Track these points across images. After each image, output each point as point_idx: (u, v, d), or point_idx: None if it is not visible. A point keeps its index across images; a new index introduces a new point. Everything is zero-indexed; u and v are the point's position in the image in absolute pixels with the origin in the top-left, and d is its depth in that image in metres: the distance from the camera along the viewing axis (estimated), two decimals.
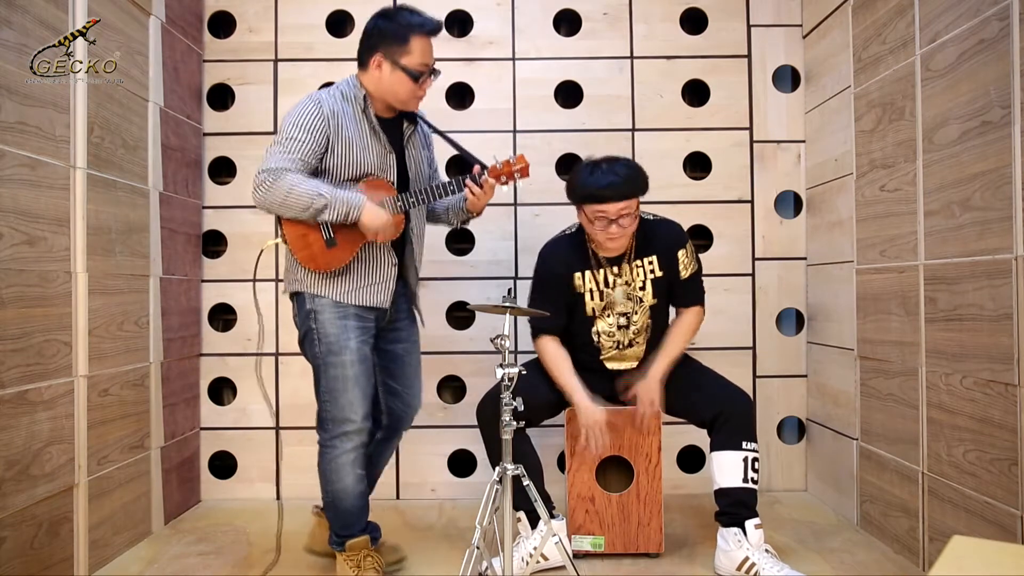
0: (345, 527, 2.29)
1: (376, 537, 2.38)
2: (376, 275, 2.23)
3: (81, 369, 2.36)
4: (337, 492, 2.25)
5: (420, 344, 2.49)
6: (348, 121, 2.17)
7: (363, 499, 2.30)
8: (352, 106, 2.19)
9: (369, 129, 2.20)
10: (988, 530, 2.03)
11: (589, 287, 2.49)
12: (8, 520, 2.02)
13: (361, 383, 2.20)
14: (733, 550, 2.32)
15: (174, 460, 2.97)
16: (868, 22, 2.69)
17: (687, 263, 2.50)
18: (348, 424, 2.21)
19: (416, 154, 2.34)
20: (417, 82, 2.17)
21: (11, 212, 2.05)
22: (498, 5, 3.31)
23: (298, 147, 2.09)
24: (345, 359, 2.18)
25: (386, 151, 2.23)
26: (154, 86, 2.84)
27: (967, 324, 2.12)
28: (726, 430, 2.38)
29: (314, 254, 2.16)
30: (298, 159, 2.09)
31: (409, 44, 2.14)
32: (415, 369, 2.45)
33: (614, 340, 2.51)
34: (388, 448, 2.51)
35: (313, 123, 2.11)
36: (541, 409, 2.47)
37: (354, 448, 2.23)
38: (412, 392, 2.44)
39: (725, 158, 3.29)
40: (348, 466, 2.23)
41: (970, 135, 2.09)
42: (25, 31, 2.14)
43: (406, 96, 2.20)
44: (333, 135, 2.13)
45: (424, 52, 2.17)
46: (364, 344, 2.23)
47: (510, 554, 1.87)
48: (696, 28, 3.32)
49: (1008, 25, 1.92)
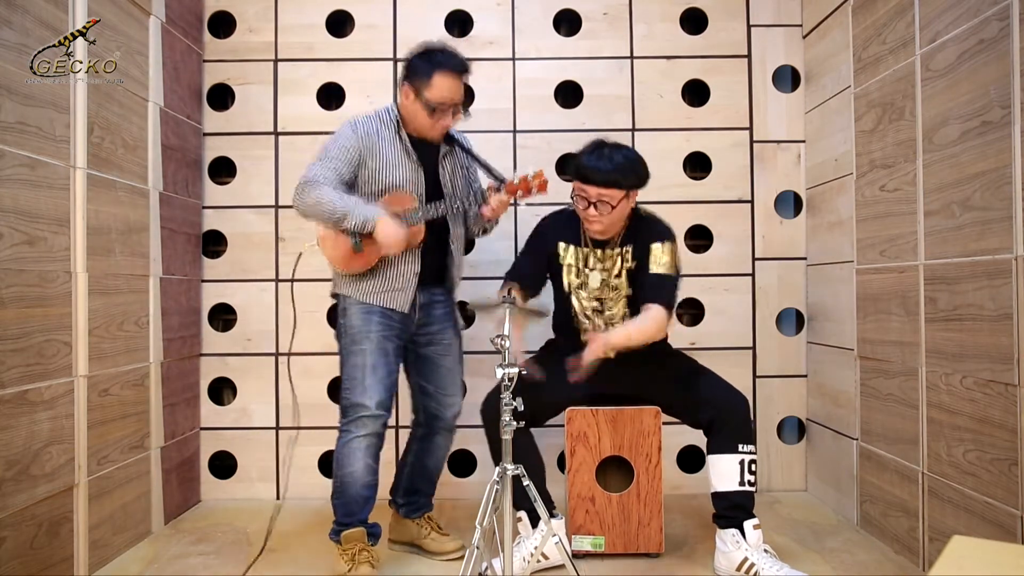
0: (347, 515, 2.37)
1: (374, 534, 2.44)
2: (397, 281, 2.41)
3: (81, 369, 2.36)
4: (345, 476, 2.35)
5: (458, 347, 2.60)
6: (382, 141, 2.40)
7: (369, 490, 2.38)
8: (387, 128, 2.42)
9: (402, 148, 2.41)
10: (988, 530, 2.03)
11: (569, 262, 2.52)
12: (8, 520, 2.02)
13: (379, 372, 2.35)
14: (732, 551, 2.32)
15: (174, 460, 2.97)
16: (868, 22, 2.69)
17: (659, 259, 2.41)
18: (362, 409, 2.33)
19: (451, 171, 2.51)
20: (432, 115, 2.35)
21: (11, 212, 2.05)
22: (498, 5, 3.31)
23: (332, 163, 2.35)
24: (365, 348, 2.36)
25: (416, 167, 2.42)
26: (154, 86, 2.84)
27: (967, 324, 2.12)
28: (723, 433, 2.37)
29: (342, 257, 2.38)
30: (332, 173, 2.34)
31: (432, 79, 2.33)
32: (450, 371, 2.56)
33: (590, 323, 2.52)
34: (434, 446, 2.60)
35: (347, 142, 2.37)
36: (543, 409, 2.47)
37: (367, 435, 2.34)
38: (446, 393, 2.55)
39: (725, 158, 3.29)
40: (359, 451, 2.34)
41: (970, 135, 2.09)
42: (25, 31, 2.14)
43: (423, 125, 2.39)
44: (365, 152, 2.38)
45: (444, 88, 2.33)
46: (386, 339, 2.39)
47: (510, 554, 1.87)
48: (696, 28, 3.32)
49: (1008, 25, 1.92)
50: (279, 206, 3.27)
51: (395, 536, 2.63)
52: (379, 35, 3.29)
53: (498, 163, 3.32)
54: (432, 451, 2.60)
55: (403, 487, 2.61)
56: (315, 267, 3.05)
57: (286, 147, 3.28)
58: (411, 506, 2.60)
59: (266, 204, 3.27)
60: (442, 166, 2.50)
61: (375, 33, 3.29)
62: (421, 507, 2.62)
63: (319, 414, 3.18)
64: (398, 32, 3.29)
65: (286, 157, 3.27)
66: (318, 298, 3.18)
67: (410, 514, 2.60)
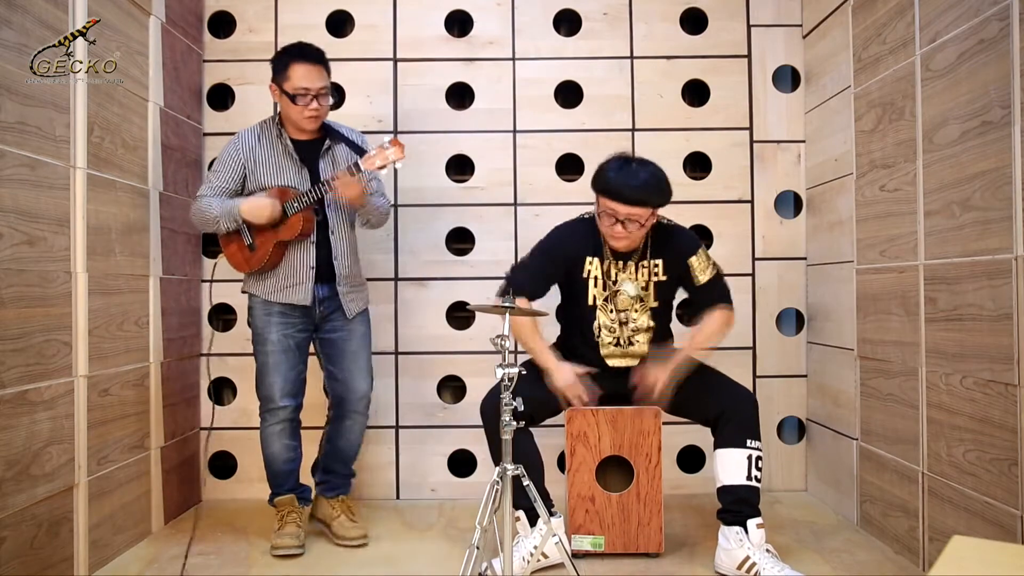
0: (275, 486, 2.71)
1: (304, 498, 2.75)
2: (294, 277, 2.60)
3: (81, 369, 2.36)
4: (267, 456, 2.69)
5: (361, 333, 2.74)
6: (263, 146, 2.61)
7: (290, 464, 2.70)
8: (268, 133, 2.63)
9: (283, 150, 2.61)
10: (988, 530, 2.03)
11: (595, 275, 2.50)
12: (8, 520, 2.02)
13: (281, 369, 2.61)
14: (734, 549, 2.32)
15: (174, 460, 2.97)
16: (868, 22, 2.69)
17: (702, 268, 2.50)
18: (270, 402, 2.63)
19: (333, 164, 2.65)
20: (295, 103, 2.51)
21: (11, 212, 2.05)
22: (498, 5, 3.31)
23: (214, 178, 2.62)
24: (267, 348, 2.61)
25: (300, 167, 2.62)
26: (154, 86, 2.84)
27: (967, 324, 2.12)
28: (730, 428, 2.38)
29: (239, 259, 2.62)
30: (216, 186, 2.60)
31: (287, 70, 2.51)
32: (354, 356, 2.71)
33: (614, 336, 2.51)
34: (344, 428, 2.75)
35: (227, 156, 2.61)
36: (542, 408, 2.47)
37: (278, 422, 2.64)
38: (350, 376, 2.71)
39: (725, 158, 3.29)
40: (275, 436, 2.65)
41: (970, 135, 2.09)
42: (25, 31, 2.13)
43: (294, 118, 2.56)
44: (248, 161, 2.59)
45: (299, 76, 2.50)
46: (287, 336, 2.62)
47: (510, 554, 1.87)
48: (696, 28, 3.32)
49: (1008, 25, 1.92)
50: None
51: (314, 512, 2.81)
52: (379, 35, 3.29)
53: (498, 163, 3.34)
54: (343, 433, 2.76)
55: (320, 466, 2.81)
56: None
57: None
58: (326, 485, 2.78)
59: None
60: (323, 161, 2.65)
61: (375, 33, 3.29)
62: (336, 487, 2.78)
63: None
64: (398, 32, 3.29)
65: None
66: None
67: (325, 492, 2.77)
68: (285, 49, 2.59)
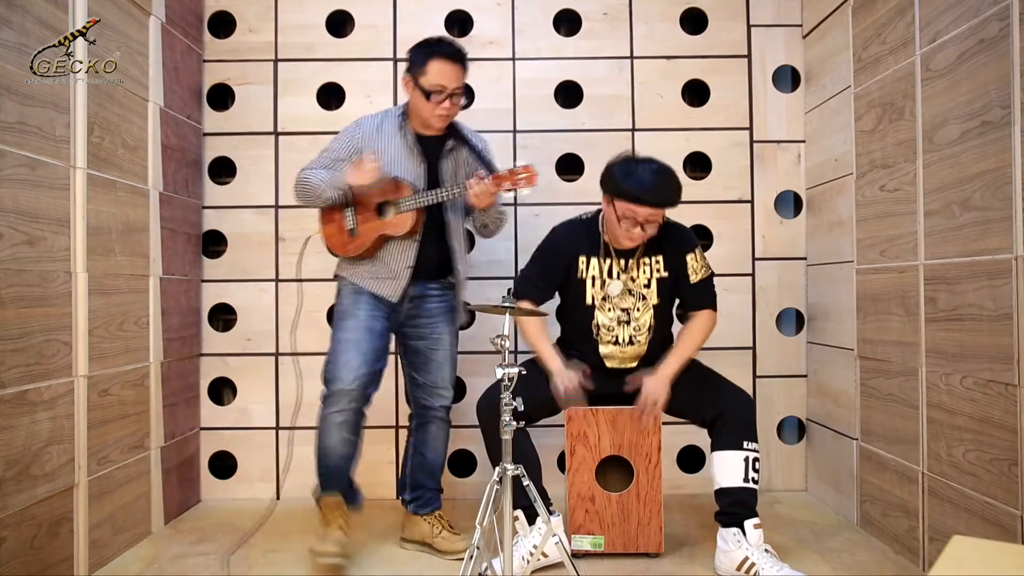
0: (325, 482, 2.51)
1: (353, 503, 2.55)
2: (390, 271, 2.50)
3: (81, 369, 2.36)
4: (322, 448, 2.48)
5: (451, 341, 2.64)
6: (384, 135, 2.51)
7: (345, 462, 2.50)
8: (391, 122, 2.53)
9: (404, 142, 2.51)
10: (988, 530, 2.03)
11: (592, 274, 2.50)
12: (8, 520, 2.02)
13: (362, 347, 2.43)
14: (733, 550, 2.32)
15: (174, 460, 2.97)
16: (868, 22, 2.69)
17: (696, 267, 2.51)
18: (338, 382, 2.42)
19: (454, 166, 2.56)
20: (429, 100, 2.41)
21: (11, 212, 2.05)
22: (498, 5, 3.31)
23: (325, 154, 2.53)
24: (349, 324, 2.47)
25: (419, 161, 2.51)
26: (154, 86, 2.84)
27: (967, 324, 2.12)
28: (727, 430, 2.38)
29: (338, 241, 2.52)
30: (324, 162, 2.51)
31: (426, 65, 2.41)
32: (439, 365, 2.61)
33: (613, 335, 2.51)
34: (428, 436, 2.65)
35: (345, 135, 2.54)
36: (540, 407, 2.47)
37: (340, 411, 2.43)
38: (435, 385, 2.62)
39: (725, 158, 3.29)
40: (334, 426, 2.44)
41: (970, 135, 2.09)
42: (25, 31, 2.14)
43: (424, 114, 2.45)
44: (365, 146, 2.48)
45: (438, 73, 2.40)
46: (374, 318, 2.49)
47: (510, 554, 1.87)
48: (696, 28, 3.32)
49: (1008, 25, 1.92)
50: (279, 206, 3.27)
51: (407, 535, 2.66)
52: (379, 35, 3.29)
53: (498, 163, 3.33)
54: (428, 442, 2.65)
55: (408, 483, 2.67)
56: (315, 267, 3.06)
57: (286, 147, 3.28)
58: (418, 502, 2.65)
59: (266, 204, 3.27)
60: (445, 161, 2.55)
61: (375, 33, 3.29)
62: (428, 503, 2.65)
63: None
64: (398, 32, 3.29)
65: (286, 157, 3.27)
66: (318, 298, 3.19)
67: (418, 510, 2.64)
68: (426, 42, 2.47)
